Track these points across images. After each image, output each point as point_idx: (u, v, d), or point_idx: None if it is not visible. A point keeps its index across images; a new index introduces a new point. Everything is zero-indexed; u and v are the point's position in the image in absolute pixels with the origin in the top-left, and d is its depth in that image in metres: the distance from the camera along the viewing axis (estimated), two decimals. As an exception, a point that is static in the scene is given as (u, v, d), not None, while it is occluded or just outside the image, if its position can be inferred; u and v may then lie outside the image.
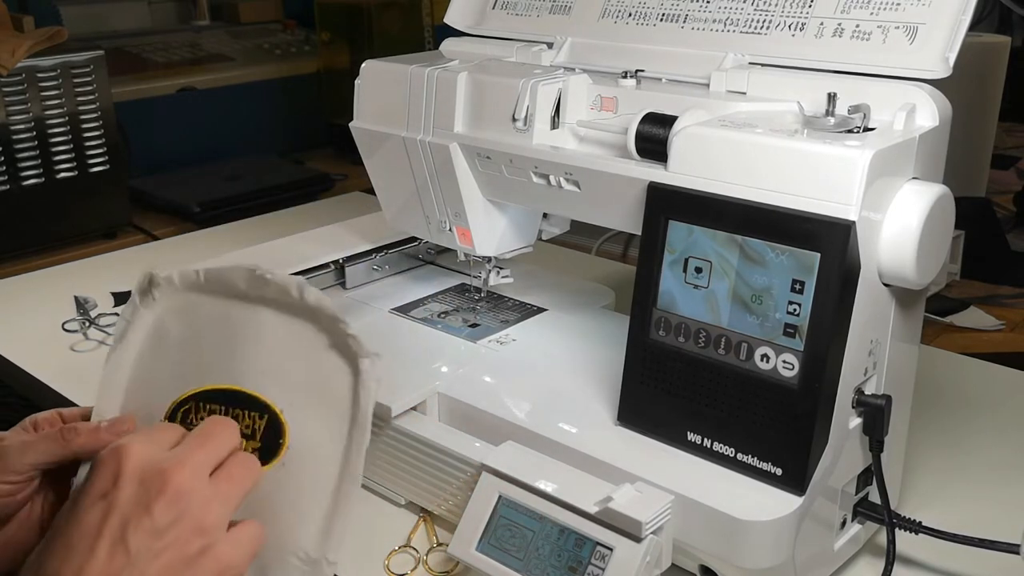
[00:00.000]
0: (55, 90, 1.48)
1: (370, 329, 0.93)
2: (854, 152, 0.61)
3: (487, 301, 0.97)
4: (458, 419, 0.80)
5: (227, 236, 1.52)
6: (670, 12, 0.81)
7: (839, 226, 0.61)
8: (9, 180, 1.46)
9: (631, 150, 0.71)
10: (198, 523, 0.50)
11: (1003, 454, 0.90)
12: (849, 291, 0.63)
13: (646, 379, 0.71)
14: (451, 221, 0.88)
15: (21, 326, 1.20)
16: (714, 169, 0.67)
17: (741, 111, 0.71)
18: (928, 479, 0.85)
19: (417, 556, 0.77)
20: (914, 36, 0.68)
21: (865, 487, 0.73)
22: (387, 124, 0.87)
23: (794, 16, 0.74)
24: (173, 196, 1.68)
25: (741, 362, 0.66)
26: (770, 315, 0.65)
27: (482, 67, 0.82)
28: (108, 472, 0.51)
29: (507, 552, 0.70)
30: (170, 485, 0.50)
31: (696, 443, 0.69)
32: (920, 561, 0.75)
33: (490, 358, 0.86)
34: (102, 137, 1.54)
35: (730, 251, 0.66)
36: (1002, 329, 1.20)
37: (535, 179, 0.79)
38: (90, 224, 1.57)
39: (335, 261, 1.02)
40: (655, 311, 0.70)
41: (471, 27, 0.94)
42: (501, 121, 0.79)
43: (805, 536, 0.66)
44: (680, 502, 0.66)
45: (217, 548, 0.51)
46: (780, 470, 0.65)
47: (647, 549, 0.65)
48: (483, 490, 0.73)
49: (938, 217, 0.66)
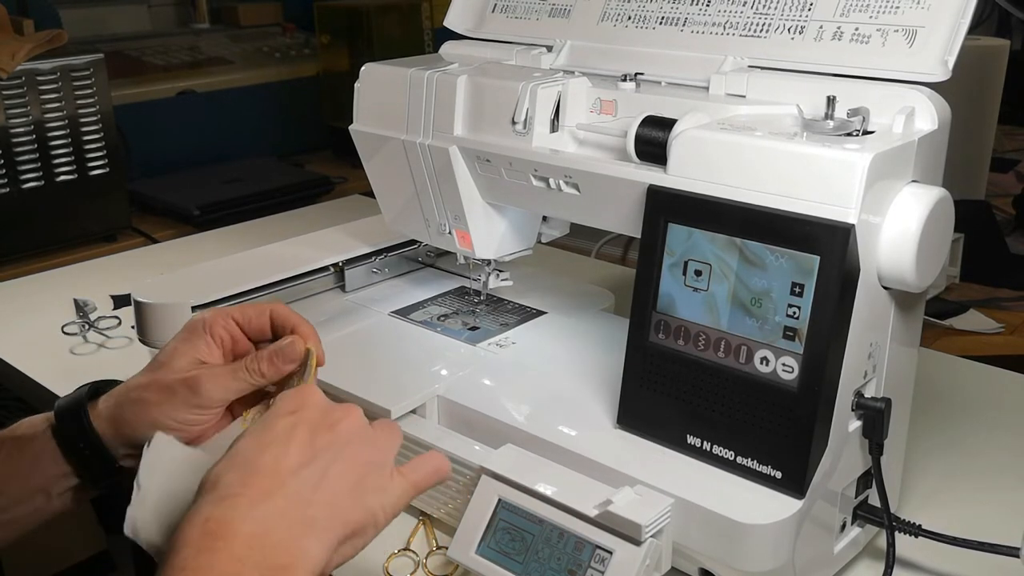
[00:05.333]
0: (55, 93, 1.48)
1: (370, 332, 0.93)
2: (853, 155, 0.61)
3: (487, 304, 0.97)
4: (458, 422, 0.80)
5: (226, 239, 1.51)
6: (669, 15, 0.81)
7: (839, 229, 0.61)
8: (9, 183, 1.46)
9: (631, 153, 0.71)
10: (372, 440, 0.58)
11: (1003, 457, 0.90)
12: (849, 294, 0.63)
13: (646, 382, 0.71)
14: (451, 224, 0.88)
15: (20, 328, 1.20)
16: (714, 172, 0.67)
17: (740, 114, 0.71)
18: (928, 482, 0.85)
19: (417, 559, 0.77)
20: (913, 39, 0.68)
21: (865, 490, 0.73)
22: (387, 127, 0.87)
23: (793, 19, 0.74)
24: (173, 199, 1.69)
25: (741, 365, 0.66)
26: (770, 318, 0.65)
27: (482, 70, 0.82)
28: (296, 398, 0.59)
29: (507, 555, 0.70)
30: (349, 416, 0.59)
31: (696, 446, 0.69)
32: (920, 564, 0.75)
33: (490, 361, 0.86)
34: (102, 140, 1.54)
35: (730, 254, 0.66)
36: (1001, 332, 1.20)
37: (535, 182, 0.79)
38: (90, 227, 1.57)
39: (335, 264, 1.02)
40: (655, 314, 0.70)
41: (471, 30, 0.94)
42: (501, 124, 0.79)
43: (805, 539, 0.66)
44: (680, 505, 0.66)
45: (390, 466, 0.58)
46: (780, 473, 0.65)
47: (647, 552, 0.65)
48: (482, 493, 0.72)
49: (937, 220, 0.66)
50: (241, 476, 0.54)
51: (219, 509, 0.52)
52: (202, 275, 0.98)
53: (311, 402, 0.59)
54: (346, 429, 0.58)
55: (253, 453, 0.55)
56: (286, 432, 0.56)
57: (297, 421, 0.57)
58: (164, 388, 0.65)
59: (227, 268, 0.99)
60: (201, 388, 0.65)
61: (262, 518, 0.52)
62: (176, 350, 0.67)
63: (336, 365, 0.75)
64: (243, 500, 0.53)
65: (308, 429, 0.57)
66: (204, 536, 0.51)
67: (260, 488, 0.53)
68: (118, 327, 1.18)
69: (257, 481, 0.54)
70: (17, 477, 0.66)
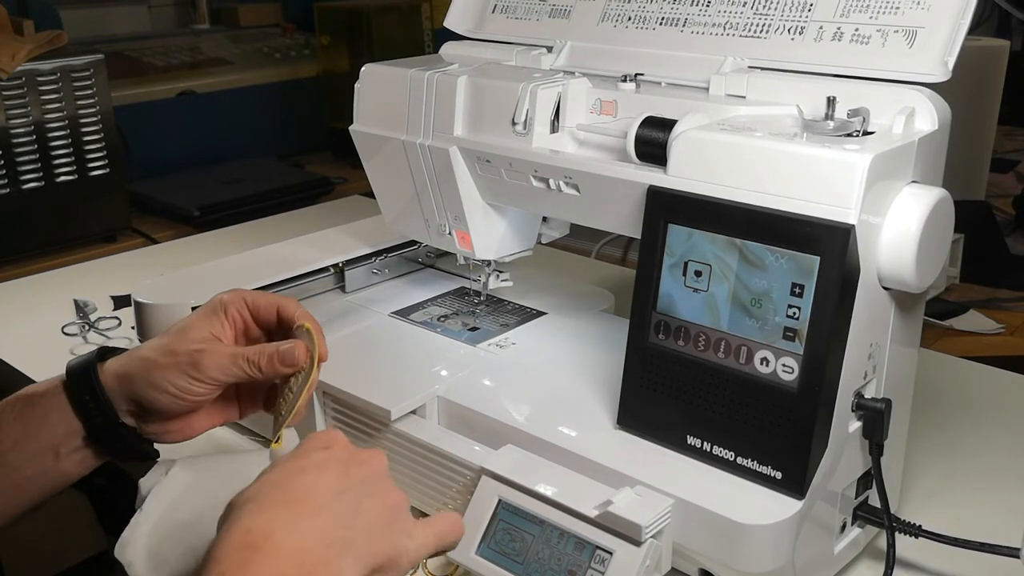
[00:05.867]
0: (55, 94, 1.48)
1: (370, 333, 0.93)
2: (853, 156, 0.61)
3: (487, 305, 0.97)
4: (458, 423, 0.80)
5: (227, 240, 1.51)
6: (669, 16, 0.81)
7: (839, 230, 0.61)
8: (9, 184, 1.46)
9: (631, 154, 0.71)
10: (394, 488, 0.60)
11: (1003, 457, 0.90)
12: (849, 295, 0.63)
13: (646, 382, 0.71)
14: (451, 225, 0.88)
15: (20, 329, 1.20)
16: (714, 173, 0.67)
17: (740, 115, 0.71)
18: (928, 483, 0.85)
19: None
20: (913, 40, 0.68)
21: (865, 491, 0.73)
22: (387, 128, 0.87)
23: (793, 20, 0.74)
24: (173, 200, 1.69)
25: (741, 366, 0.66)
26: (770, 319, 0.65)
27: (482, 71, 0.82)
28: (326, 437, 0.60)
29: (507, 556, 0.70)
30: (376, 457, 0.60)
31: (696, 447, 0.69)
32: (920, 565, 0.75)
33: (490, 362, 0.86)
34: (102, 141, 1.54)
35: (730, 254, 0.66)
36: (1001, 332, 1.20)
37: (535, 183, 0.79)
38: (90, 227, 1.57)
39: (334, 265, 1.02)
40: (655, 314, 0.70)
41: (471, 31, 0.94)
42: (501, 125, 0.79)
43: (805, 540, 0.66)
44: (680, 506, 0.66)
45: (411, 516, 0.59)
46: (780, 474, 0.65)
47: (647, 553, 0.65)
48: (483, 494, 0.73)
49: (937, 220, 0.66)
50: (282, 495, 0.55)
51: (262, 519, 0.53)
52: (202, 275, 0.98)
53: (341, 441, 0.60)
54: (374, 469, 0.59)
55: (289, 476, 0.56)
56: (321, 461, 0.57)
57: (330, 455, 0.58)
58: (171, 353, 0.68)
59: (227, 269, 1.00)
60: (202, 363, 0.67)
61: (305, 533, 0.53)
62: (195, 322, 0.71)
63: (336, 366, 0.75)
64: (287, 514, 0.53)
65: (341, 462, 0.58)
66: (245, 548, 0.51)
67: (303, 505, 0.54)
68: (118, 328, 1.18)
69: (298, 499, 0.55)
70: (27, 434, 0.68)
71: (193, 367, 0.67)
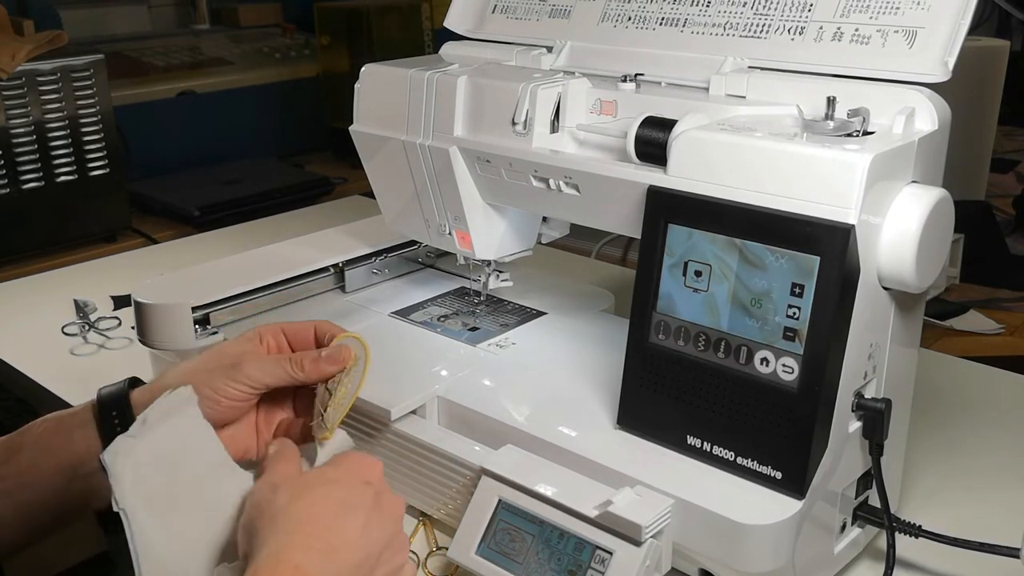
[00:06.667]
0: (55, 94, 1.48)
1: (370, 333, 0.93)
2: (853, 156, 0.61)
3: (487, 305, 0.97)
4: (458, 423, 0.80)
5: (226, 240, 1.52)
6: (669, 16, 0.81)
7: (839, 230, 0.61)
8: (9, 183, 1.46)
9: (631, 154, 0.71)
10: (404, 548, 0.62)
11: (1003, 458, 0.90)
12: (849, 295, 0.63)
13: (646, 382, 0.71)
14: (451, 225, 0.88)
15: (20, 329, 1.20)
16: (714, 173, 0.67)
17: (740, 115, 0.71)
18: (928, 483, 0.85)
19: (416, 560, 0.77)
20: (913, 40, 0.68)
21: (865, 491, 0.73)
22: (387, 128, 0.87)
23: (793, 20, 0.74)
24: (173, 200, 1.69)
25: (741, 366, 0.66)
26: (770, 319, 0.65)
27: (482, 71, 0.82)
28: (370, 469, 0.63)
29: (507, 556, 0.70)
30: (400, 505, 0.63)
31: (696, 447, 0.69)
32: (920, 565, 0.75)
33: (490, 362, 0.86)
34: (102, 141, 1.54)
35: (730, 255, 0.66)
36: (1001, 333, 1.20)
37: (535, 183, 0.79)
38: (90, 227, 1.57)
39: (334, 265, 1.02)
40: (655, 314, 0.70)
41: (471, 31, 0.94)
42: (501, 125, 0.79)
43: (805, 540, 0.66)
44: (680, 506, 0.66)
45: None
46: (780, 474, 0.65)
47: (647, 553, 0.65)
48: (483, 494, 0.73)
49: (937, 221, 0.66)
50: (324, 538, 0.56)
51: (310, 557, 0.54)
52: (202, 276, 0.98)
53: (379, 474, 0.63)
54: (397, 519, 0.62)
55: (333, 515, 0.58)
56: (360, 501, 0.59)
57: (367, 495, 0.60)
58: (209, 358, 0.70)
59: (227, 269, 1.00)
60: (244, 364, 0.68)
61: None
62: (230, 343, 0.72)
63: (336, 366, 0.75)
64: (328, 565, 0.55)
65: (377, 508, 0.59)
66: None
67: (343, 553, 0.56)
68: (118, 328, 1.18)
69: (339, 545, 0.56)
70: (49, 450, 0.68)
71: (234, 368, 0.68)
